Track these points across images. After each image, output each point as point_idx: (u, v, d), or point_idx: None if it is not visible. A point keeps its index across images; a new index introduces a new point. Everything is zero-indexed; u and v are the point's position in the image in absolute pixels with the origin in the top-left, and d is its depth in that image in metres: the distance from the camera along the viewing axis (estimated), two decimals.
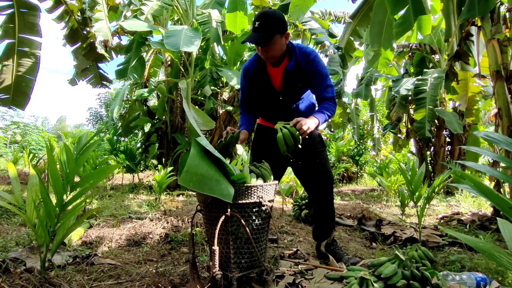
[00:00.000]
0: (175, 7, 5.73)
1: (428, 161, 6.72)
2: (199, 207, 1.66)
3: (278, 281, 1.62)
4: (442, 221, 3.38)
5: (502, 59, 3.29)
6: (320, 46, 6.07)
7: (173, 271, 1.77)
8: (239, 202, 1.49)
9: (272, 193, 1.64)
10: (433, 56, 6.59)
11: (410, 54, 7.04)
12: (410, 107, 6.97)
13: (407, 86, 5.90)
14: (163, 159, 6.37)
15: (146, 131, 7.37)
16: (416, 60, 6.88)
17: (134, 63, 5.29)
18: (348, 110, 8.51)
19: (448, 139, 6.56)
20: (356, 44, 5.91)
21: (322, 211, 2.07)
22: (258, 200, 1.52)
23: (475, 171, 6.05)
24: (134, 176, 7.37)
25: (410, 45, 6.62)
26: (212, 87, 5.90)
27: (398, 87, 5.99)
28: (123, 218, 2.99)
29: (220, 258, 1.53)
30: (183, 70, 5.96)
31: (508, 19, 3.48)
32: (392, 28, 4.06)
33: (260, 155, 2.01)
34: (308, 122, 1.67)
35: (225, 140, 1.77)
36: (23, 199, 1.73)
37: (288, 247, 2.38)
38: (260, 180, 1.61)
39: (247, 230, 1.48)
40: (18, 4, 3.78)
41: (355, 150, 9.96)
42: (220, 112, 6.40)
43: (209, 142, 1.46)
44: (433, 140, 6.62)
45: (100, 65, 5.44)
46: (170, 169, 4.24)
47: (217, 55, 6.58)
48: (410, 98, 6.48)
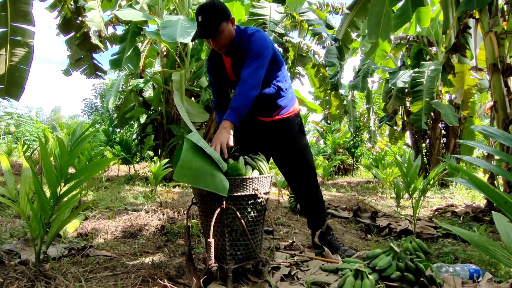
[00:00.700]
0: None
1: (424, 153, 6.76)
2: (194, 200, 1.66)
3: (273, 272, 1.63)
4: (436, 213, 3.41)
5: (499, 52, 3.28)
6: (317, 37, 6.02)
7: (169, 263, 1.77)
8: (235, 194, 1.48)
9: (268, 185, 1.64)
10: (430, 48, 6.57)
11: (407, 46, 7.01)
12: (406, 100, 6.97)
13: (404, 79, 5.90)
14: (159, 151, 6.34)
15: (141, 122, 7.32)
16: (413, 53, 6.86)
17: (129, 54, 5.21)
18: (344, 102, 8.49)
19: (443, 132, 6.59)
20: (354, 35, 5.86)
21: (310, 203, 2.06)
22: (253, 193, 1.52)
23: (469, 164, 6.09)
24: (130, 168, 7.35)
25: (408, 37, 6.59)
26: None
27: (395, 79, 5.98)
28: (119, 210, 2.98)
29: (216, 250, 1.53)
30: (179, 61, 5.89)
31: (506, 12, 3.47)
32: (390, 19, 4.04)
33: (241, 146, 1.96)
34: (216, 137, 1.60)
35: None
36: (16, 191, 1.71)
37: (284, 238, 2.39)
38: (256, 172, 1.61)
39: (243, 222, 1.48)
40: None
41: (351, 142, 9.99)
42: None
43: (205, 134, 1.45)
44: (428, 132, 6.65)
45: (95, 55, 5.35)
46: (166, 160, 4.22)
47: None
48: (406, 90, 6.48)
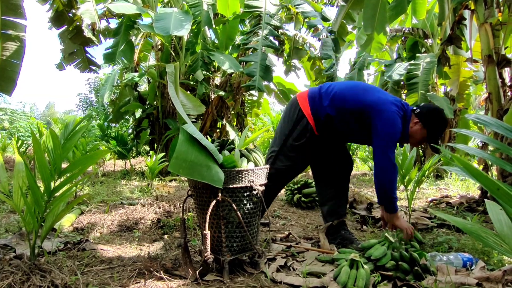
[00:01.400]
0: None
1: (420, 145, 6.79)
2: (190, 192, 1.66)
3: (270, 263, 1.64)
4: (431, 204, 3.44)
5: (494, 43, 3.29)
6: (313, 29, 5.98)
7: (165, 256, 1.77)
8: (230, 186, 1.48)
9: (263, 177, 1.64)
10: (426, 40, 6.57)
11: (403, 38, 7.00)
12: (402, 92, 6.98)
13: (399, 71, 5.90)
14: (155, 145, 6.32)
15: (137, 117, 7.27)
16: (408, 45, 6.85)
17: (122, 47, 5.16)
18: None
19: None
20: (349, 27, 5.84)
21: (340, 193, 2.17)
22: (249, 184, 1.52)
23: (464, 154, 6.14)
24: (126, 162, 7.31)
25: (403, 29, 6.57)
26: (204, 72, 5.80)
27: (391, 72, 5.98)
28: (115, 204, 2.97)
29: (212, 242, 1.54)
30: (174, 54, 5.84)
31: (501, 3, 3.46)
32: (385, 11, 4.02)
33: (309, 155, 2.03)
34: (402, 225, 1.81)
35: None
36: (10, 186, 1.70)
37: (280, 230, 2.40)
38: (251, 164, 1.60)
39: (238, 214, 1.49)
40: None
41: None
42: (212, 97, 6.32)
43: (201, 127, 1.45)
44: None
45: (88, 49, 5.29)
46: (162, 154, 4.20)
47: (208, 39, 6.43)
48: (402, 83, 6.48)
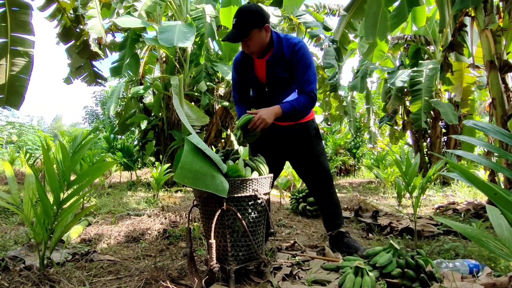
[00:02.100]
0: (168, 2, 5.70)
1: (425, 152, 6.76)
2: (195, 202, 1.68)
3: (275, 272, 1.64)
4: (438, 210, 3.42)
5: (495, 49, 3.30)
6: (315, 39, 6.06)
7: (171, 266, 1.79)
8: (235, 195, 1.50)
9: (268, 186, 1.66)
10: (428, 47, 6.60)
11: (405, 45, 7.04)
12: (406, 99, 6.99)
13: (402, 78, 5.93)
14: (161, 156, 6.37)
15: (142, 129, 7.36)
16: (411, 52, 6.89)
17: (128, 61, 5.26)
18: (344, 103, 8.52)
19: (444, 130, 6.60)
20: (351, 36, 5.91)
21: (325, 205, 2.08)
22: (253, 193, 1.54)
23: (470, 161, 6.09)
24: (132, 174, 7.38)
25: (405, 36, 6.62)
26: (208, 83, 5.88)
27: (394, 79, 6.01)
28: (122, 215, 3.00)
29: (218, 252, 1.55)
30: (178, 66, 5.94)
31: (501, 9, 3.49)
32: (386, 20, 4.06)
33: (257, 149, 2.02)
34: (265, 113, 1.70)
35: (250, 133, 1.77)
36: (20, 198, 1.74)
37: (286, 239, 2.41)
38: (255, 173, 1.62)
39: (243, 223, 1.50)
40: (10, 3, 3.74)
41: (352, 143, 10.00)
42: (216, 107, 6.40)
43: (206, 138, 1.49)
44: (429, 131, 6.66)
45: (95, 63, 5.40)
46: (168, 165, 4.24)
47: (212, 50, 6.55)
48: (405, 90, 6.50)
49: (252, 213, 1.56)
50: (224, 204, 1.46)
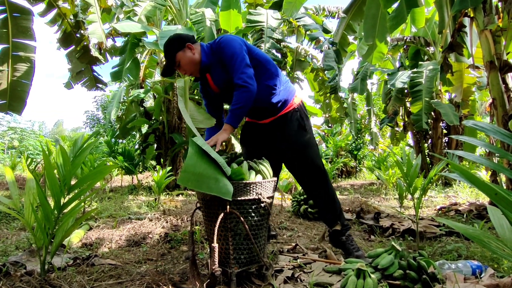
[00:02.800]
0: (168, 7, 5.72)
1: (426, 153, 6.75)
2: (198, 205, 1.68)
3: (277, 275, 1.64)
4: (440, 212, 3.40)
5: (495, 49, 3.30)
6: (315, 41, 6.06)
7: (173, 269, 1.78)
8: (238, 199, 1.50)
9: (271, 189, 1.65)
10: (427, 48, 6.61)
11: (404, 47, 7.06)
12: (406, 100, 6.99)
13: (402, 79, 5.93)
14: (162, 160, 6.37)
15: (143, 132, 7.37)
16: (411, 53, 6.90)
17: (128, 65, 5.28)
18: (345, 105, 8.52)
19: (445, 131, 6.59)
20: (351, 38, 5.92)
21: (319, 202, 2.01)
22: (256, 197, 1.53)
23: (472, 162, 6.08)
24: (133, 178, 7.38)
25: (405, 38, 6.63)
26: None
27: (394, 80, 6.01)
28: (123, 219, 3.00)
29: (220, 255, 1.54)
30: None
31: (500, 9, 3.49)
32: (385, 21, 4.07)
33: (250, 151, 2.03)
34: (215, 137, 1.75)
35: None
36: (21, 203, 1.74)
37: (287, 242, 2.40)
38: (259, 177, 1.62)
39: (246, 226, 1.50)
40: (11, 9, 3.77)
41: (353, 145, 9.99)
42: None
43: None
44: (430, 132, 6.65)
45: (95, 67, 5.43)
46: (169, 169, 4.24)
47: None
48: (406, 91, 6.51)
49: (255, 216, 1.55)
50: (227, 207, 1.46)
